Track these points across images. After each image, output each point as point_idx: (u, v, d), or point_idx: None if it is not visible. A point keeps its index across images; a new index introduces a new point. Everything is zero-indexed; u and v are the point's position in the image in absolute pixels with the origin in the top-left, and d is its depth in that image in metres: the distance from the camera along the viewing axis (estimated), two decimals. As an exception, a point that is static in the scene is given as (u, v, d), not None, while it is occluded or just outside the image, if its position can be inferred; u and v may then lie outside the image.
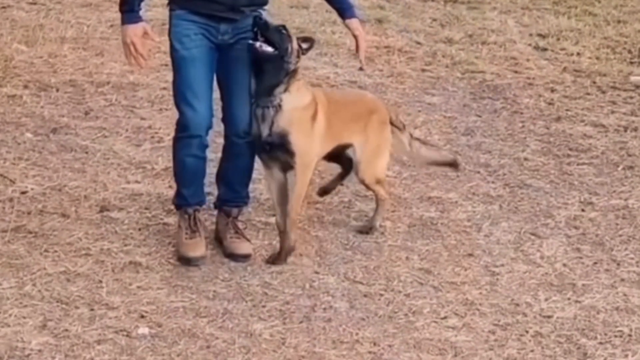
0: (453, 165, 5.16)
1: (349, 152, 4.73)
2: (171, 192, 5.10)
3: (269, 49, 4.27)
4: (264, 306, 4.21)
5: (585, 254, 4.79)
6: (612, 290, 4.48)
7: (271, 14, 4.71)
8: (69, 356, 3.82)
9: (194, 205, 4.52)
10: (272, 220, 4.78)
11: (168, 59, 4.84)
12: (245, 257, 4.48)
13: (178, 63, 4.28)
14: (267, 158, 4.47)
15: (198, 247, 4.45)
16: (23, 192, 5.02)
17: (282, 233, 4.52)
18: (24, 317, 4.02)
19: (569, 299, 4.39)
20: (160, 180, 5.25)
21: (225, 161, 4.52)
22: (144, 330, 3.99)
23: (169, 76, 6.61)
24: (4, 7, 7.77)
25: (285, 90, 4.34)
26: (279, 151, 4.40)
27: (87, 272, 4.37)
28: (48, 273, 4.33)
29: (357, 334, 4.06)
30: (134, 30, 4.15)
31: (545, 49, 7.67)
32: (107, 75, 6.60)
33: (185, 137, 4.35)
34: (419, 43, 7.65)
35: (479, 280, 4.51)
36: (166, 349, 3.89)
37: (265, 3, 4.42)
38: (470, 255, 4.72)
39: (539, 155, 5.87)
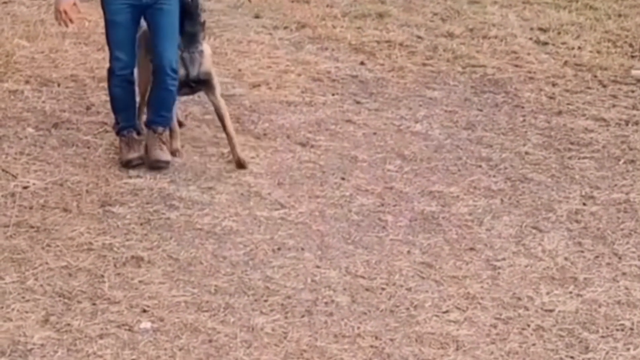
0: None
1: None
2: (172, 187, 5.13)
3: None
4: (265, 300, 4.22)
5: (586, 247, 4.79)
6: (613, 284, 4.48)
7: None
8: (71, 350, 3.82)
9: (127, 127, 5.37)
10: (275, 214, 4.82)
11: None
12: (166, 163, 5.29)
13: (106, 24, 5.26)
14: (187, 92, 5.48)
15: (134, 152, 5.32)
16: (25, 187, 5.02)
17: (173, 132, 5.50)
18: (27, 312, 4.02)
19: (570, 292, 4.40)
20: (161, 175, 5.26)
21: (153, 91, 5.33)
22: (146, 324, 4.00)
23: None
24: (5, 3, 7.77)
25: (203, 38, 5.38)
26: (202, 86, 5.42)
27: (89, 266, 4.38)
28: (50, 268, 4.34)
29: (358, 327, 4.07)
30: (67, 1, 5.13)
31: (546, 43, 7.66)
32: (105, 69, 6.59)
33: (114, 75, 5.30)
34: (420, 37, 7.64)
35: (480, 274, 4.51)
36: (168, 343, 3.90)
37: None
38: (472, 249, 4.72)
39: (540, 149, 5.86)
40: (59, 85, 6.33)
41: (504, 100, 6.59)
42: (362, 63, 7.07)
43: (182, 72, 5.28)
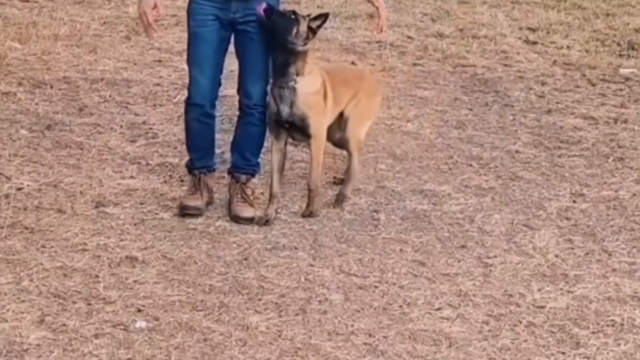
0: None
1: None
2: (166, 187, 5.16)
3: (262, 13, 4.58)
4: (260, 299, 4.25)
5: (577, 244, 4.84)
6: (603, 280, 4.53)
7: None
8: (67, 350, 3.84)
9: (199, 168, 4.88)
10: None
11: (161, 55, 4.92)
12: (248, 220, 4.79)
13: (190, 38, 4.72)
14: (281, 132, 4.82)
15: (196, 200, 4.83)
16: (19, 189, 5.05)
17: (272, 197, 4.87)
18: (22, 312, 4.04)
19: (561, 289, 4.44)
20: (155, 175, 5.29)
21: (238, 130, 4.89)
22: (141, 324, 4.02)
23: (162, 72, 6.71)
24: (-4, 5, 7.79)
25: (298, 73, 4.69)
26: (296, 131, 4.82)
27: (83, 267, 4.40)
28: (45, 268, 4.36)
29: (352, 325, 4.10)
30: (147, 3, 4.53)
31: (535, 43, 7.73)
32: (100, 72, 6.64)
33: (190, 104, 4.80)
34: (410, 37, 7.69)
35: (472, 271, 4.56)
36: (163, 342, 3.93)
37: None
38: (464, 247, 4.77)
39: (530, 147, 5.92)
40: (51, 87, 6.36)
41: (493, 99, 6.65)
42: (353, 63, 7.12)
43: (272, 108, 4.72)
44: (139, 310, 4.11)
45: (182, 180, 5.23)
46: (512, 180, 5.48)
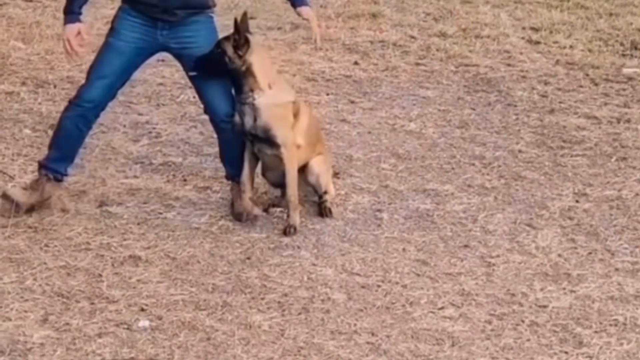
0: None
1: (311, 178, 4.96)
2: (169, 187, 5.16)
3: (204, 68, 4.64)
4: (262, 298, 4.25)
5: (579, 244, 4.84)
6: (606, 279, 4.53)
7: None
8: (70, 349, 3.85)
9: (48, 169, 4.75)
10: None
11: (165, 54, 4.90)
12: (255, 216, 4.81)
13: (105, 44, 4.67)
14: (252, 142, 4.80)
15: (21, 194, 4.72)
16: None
17: (242, 185, 4.83)
18: (25, 311, 4.06)
19: (564, 288, 4.44)
20: (158, 175, 5.30)
21: (220, 145, 4.91)
22: (144, 323, 4.03)
23: (165, 72, 6.72)
24: (0, 5, 7.80)
25: (253, 89, 4.66)
26: (262, 143, 4.75)
27: (87, 266, 4.41)
28: (48, 267, 4.37)
29: (355, 324, 4.11)
30: (71, 30, 4.58)
31: (538, 42, 7.72)
32: (103, 71, 6.63)
33: (73, 103, 4.70)
34: (413, 37, 7.69)
35: (475, 271, 4.56)
36: (167, 341, 3.93)
37: (205, 6, 4.67)
38: (466, 246, 4.77)
39: (533, 147, 5.92)
40: (55, 86, 6.37)
41: (496, 99, 6.65)
42: (355, 63, 7.12)
43: (237, 120, 4.71)
44: (142, 310, 4.12)
45: (185, 180, 5.25)
46: (515, 180, 5.48)
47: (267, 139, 4.71)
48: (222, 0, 8.12)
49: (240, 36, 4.66)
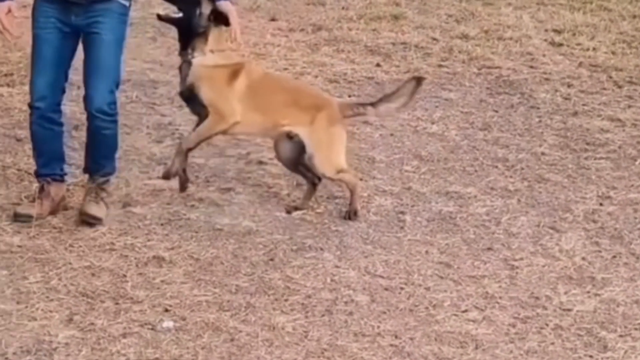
0: (419, 82, 5.12)
1: (305, 157, 4.92)
2: (192, 188, 5.17)
3: (174, 15, 4.76)
4: (286, 300, 4.26)
5: (604, 247, 4.82)
6: (631, 283, 4.51)
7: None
8: (95, 349, 3.87)
9: (44, 175, 4.78)
10: (294, 214, 4.92)
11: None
12: (95, 219, 4.68)
13: (33, 39, 4.63)
14: (190, 107, 4.93)
15: (30, 207, 4.69)
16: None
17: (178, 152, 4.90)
18: (51, 311, 4.07)
19: (588, 292, 4.43)
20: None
21: (88, 137, 4.78)
22: (168, 323, 4.04)
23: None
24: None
25: (195, 49, 4.77)
26: (194, 103, 4.84)
27: (111, 266, 4.42)
28: (73, 267, 4.39)
29: (378, 327, 4.10)
30: (1, 9, 4.51)
31: (561, 44, 7.70)
32: (127, 72, 6.64)
33: (30, 107, 4.70)
34: (435, 39, 7.68)
35: (498, 273, 4.55)
36: (190, 342, 3.94)
37: None
38: (490, 249, 4.76)
39: (556, 149, 5.90)
40: (78, 87, 6.32)
41: (519, 101, 6.63)
42: (377, 65, 7.12)
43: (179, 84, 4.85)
44: (166, 310, 4.13)
45: (208, 181, 5.26)
46: (539, 183, 5.46)
47: (198, 100, 4.79)
48: (244, 2, 8.19)
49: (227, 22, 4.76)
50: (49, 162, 4.79)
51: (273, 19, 7.91)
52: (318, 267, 4.52)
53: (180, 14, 4.75)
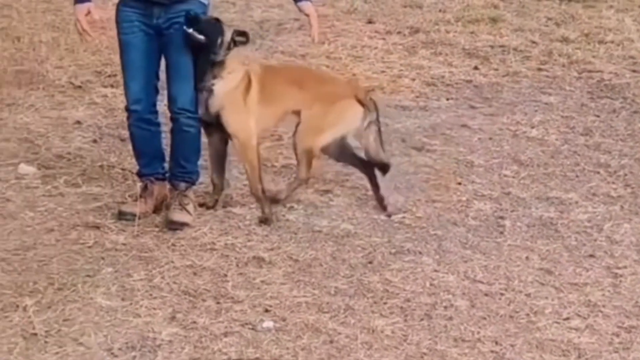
0: (383, 168, 5.04)
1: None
2: (290, 189, 5.20)
3: (200, 36, 4.63)
4: (385, 303, 4.26)
5: None
6: None
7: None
8: (197, 347, 3.93)
9: (147, 175, 4.88)
10: (393, 217, 4.91)
11: (285, 59, 4.97)
12: (181, 225, 4.74)
13: (120, 44, 4.74)
14: (208, 129, 4.88)
15: (133, 206, 4.79)
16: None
17: (214, 186, 4.98)
18: (154, 309, 4.15)
19: (695, 302, 4.32)
20: (280, 177, 5.36)
21: (172, 139, 4.84)
22: (268, 324, 4.08)
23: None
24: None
25: (215, 77, 4.73)
26: (218, 131, 4.83)
27: (212, 266, 4.49)
28: (175, 266, 4.47)
29: (478, 332, 4.07)
30: (80, 10, 4.64)
31: (664, 48, 7.52)
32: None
33: (127, 110, 4.80)
34: (534, 42, 7.59)
35: (601, 281, 4.46)
36: (290, 343, 3.97)
37: None
38: (592, 256, 4.68)
39: (660, 156, 5.76)
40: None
41: (621, 105, 6.50)
42: (475, 68, 7.07)
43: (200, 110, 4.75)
44: (267, 311, 4.17)
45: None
46: (642, 189, 5.35)
47: (219, 125, 4.77)
48: (341, 5, 8.23)
49: (245, 39, 4.78)
50: (150, 162, 4.90)
51: (370, 22, 7.92)
52: (417, 270, 4.51)
53: (203, 38, 4.64)
